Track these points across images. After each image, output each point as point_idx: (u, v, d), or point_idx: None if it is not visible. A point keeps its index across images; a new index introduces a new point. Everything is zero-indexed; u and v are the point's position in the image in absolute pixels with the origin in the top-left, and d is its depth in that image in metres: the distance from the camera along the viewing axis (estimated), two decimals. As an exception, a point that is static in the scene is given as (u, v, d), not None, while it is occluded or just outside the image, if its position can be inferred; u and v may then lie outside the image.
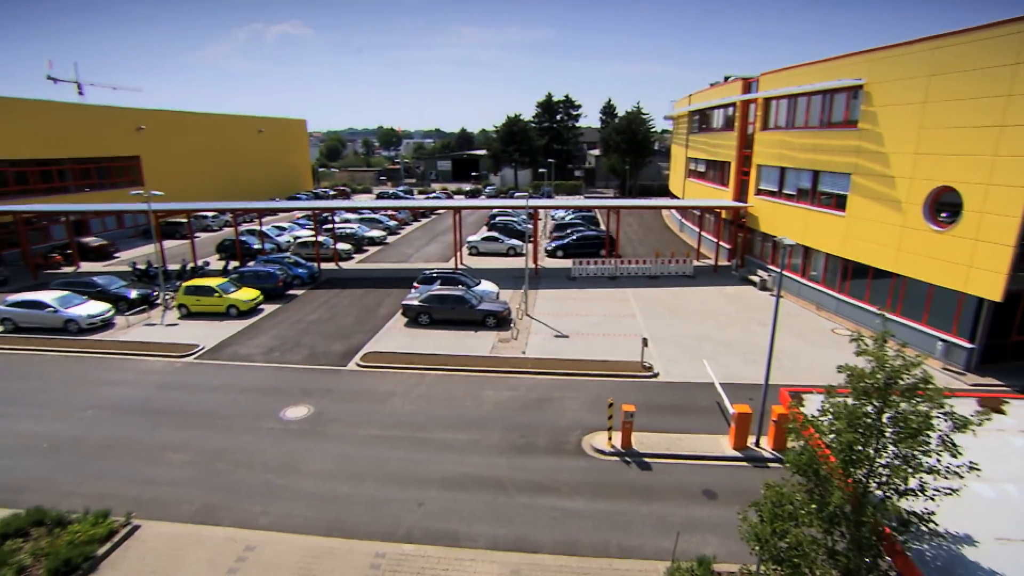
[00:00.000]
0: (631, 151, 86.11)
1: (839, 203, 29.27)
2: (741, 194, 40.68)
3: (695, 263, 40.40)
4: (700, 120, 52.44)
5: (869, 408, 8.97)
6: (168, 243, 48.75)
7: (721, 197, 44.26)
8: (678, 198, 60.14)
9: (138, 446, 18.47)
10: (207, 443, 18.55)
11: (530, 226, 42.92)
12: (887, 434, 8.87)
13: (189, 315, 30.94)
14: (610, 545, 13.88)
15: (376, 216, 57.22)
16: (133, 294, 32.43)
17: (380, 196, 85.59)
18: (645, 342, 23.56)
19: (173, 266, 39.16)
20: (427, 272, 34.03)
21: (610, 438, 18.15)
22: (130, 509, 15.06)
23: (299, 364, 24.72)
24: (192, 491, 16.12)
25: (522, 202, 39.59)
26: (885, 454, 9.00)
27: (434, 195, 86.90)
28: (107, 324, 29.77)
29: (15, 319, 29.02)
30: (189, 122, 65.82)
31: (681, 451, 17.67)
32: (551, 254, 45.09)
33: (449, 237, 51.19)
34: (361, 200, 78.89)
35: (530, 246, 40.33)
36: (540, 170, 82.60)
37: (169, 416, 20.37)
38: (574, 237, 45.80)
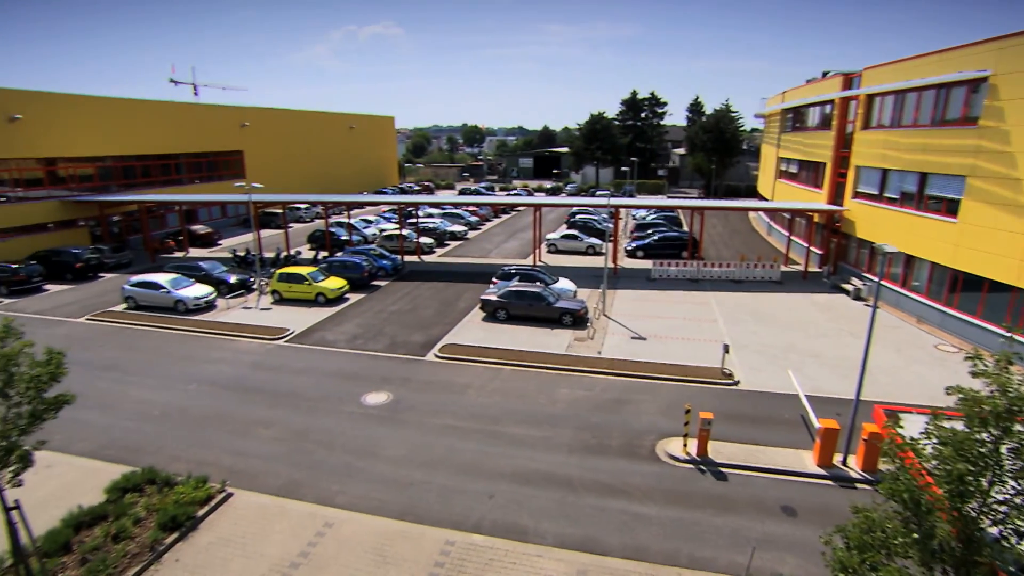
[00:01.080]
0: (718, 150, 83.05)
1: (950, 208, 26.92)
2: (836, 197, 38.29)
3: (783, 268, 38.47)
4: (794, 118, 49.76)
5: (984, 436, 8.14)
6: (264, 232, 52.07)
7: (814, 200, 41.85)
8: (767, 200, 57.39)
9: (233, 420, 19.90)
10: (293, 422, 19.70)
11: (610, 225, 42.40)
12: (1006, 467, 8.01)
13: (281, 300, 32.94)
14: (680, 554, 13.54)
15: (458, 211, 58.40)
16: (233, 279, 34.89)
17: (462, 192, 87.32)
18: (726, 348, 22.73)
19: (268, 254, 41.81)
20: (506, 268, 34.41)
21: (685, 445, 17.67)
22: (225, 477, 16.28)
23: (380, 352, 25.71)
24: (279, 466, 17.18)
25: (603, 201, 39.15)
26: (1003, 489, 8.12)
27: (515, 192, 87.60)
28: (210, 306, 32.24)
29: (136, 297, 32.03)
30: (287, 119, 69.85)
31: (760, 463, 16.94)
32: (631, 254, 44.35)
33: (528, 234, 51.45)
34: (444, 195, 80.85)
35: (610, 245, 39.85)
36: (622, 168, 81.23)
37: (260, 394, 21.80)
38: (655, 237, 44.81)
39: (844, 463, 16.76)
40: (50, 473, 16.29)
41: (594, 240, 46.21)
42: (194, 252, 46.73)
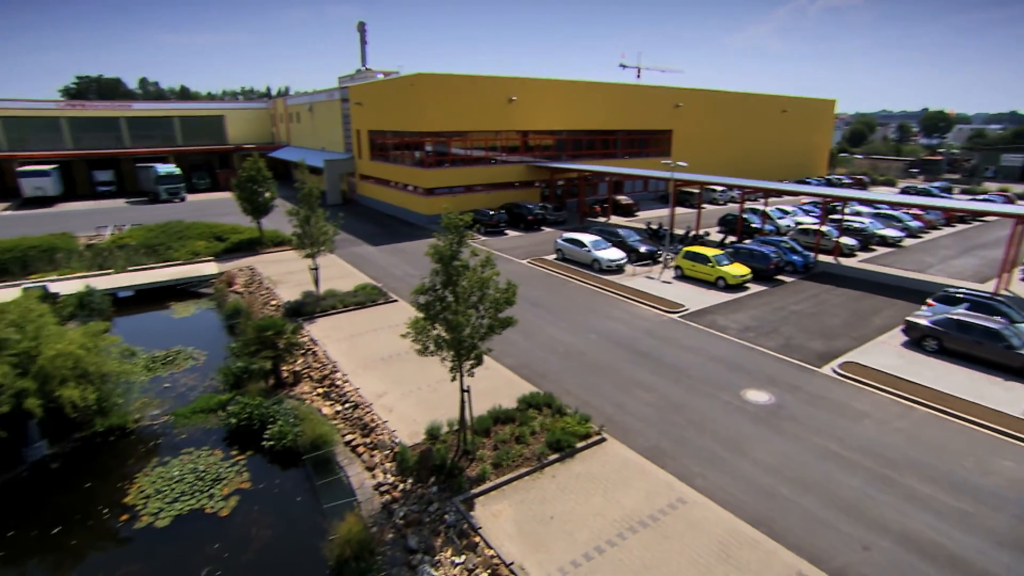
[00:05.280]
0: None
1: None
2: None
3: None
4: None
5: None
6: (678, 210, 54.25)
7: None
8: None
9: (619, 375, 21.97)
10: (670, 394, 20.56)
11: None
12: None
13: (682, 277, 34.17)
14: None
15: (895, 213, 49.32)
16: (643, 249, 37.72)
17: (905, 191, 72.93)
18: None
19: (678, 231, 43.53)
20: (950, 290, 27.75)
21: None
22: (603, 423, 18.27)
23: (771, 350, 24.30)
24: (649, 429, 18.31)
25: None
26: None
27: (984, 197, 68.63)
28: (620, 269, 35.79)
29: (564, 251, 38.04)
30: (717, 100, 69.80)
31: None
32: None
33: (995, 253, 39.97)
34: (879, 192, 69.14)
35: None
36: None
37: (647, 359, 23.36)
38: None
39: None
40: (486, 374, 20.92)
41: (1113, 278, 32.86)
42: (615, 219, 52.18)
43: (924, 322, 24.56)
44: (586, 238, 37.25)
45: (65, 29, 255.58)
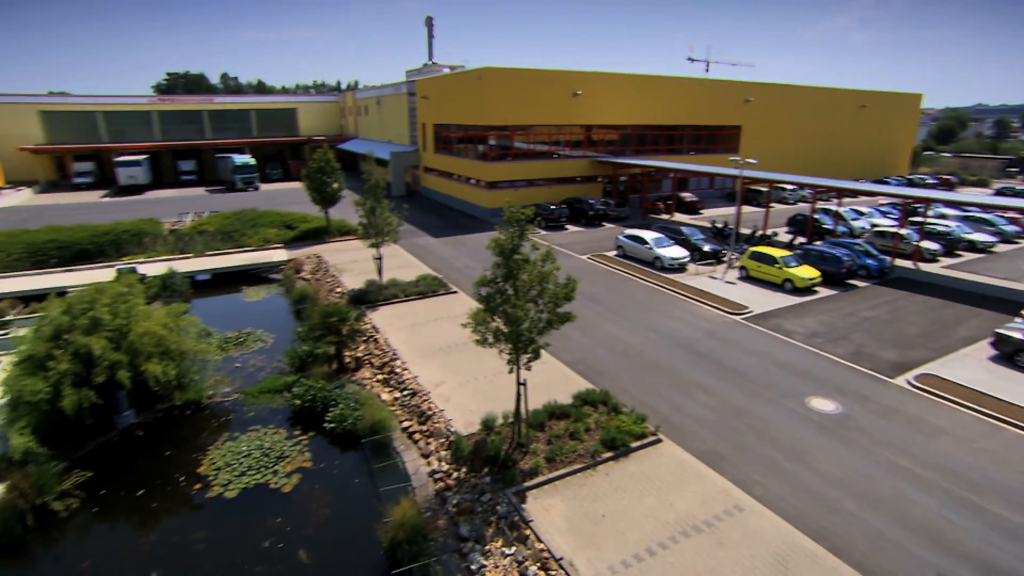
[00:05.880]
0: None
1: None
2: None
3: None
4: None
5: None
6: (745, 208, 52.39)
7: None
8: None
9: (677, 376, 21.53)
10: (731, 398, 19.98)
11: None
12: None
13: (747, 278, 33.05)
14: None
15: (986, 216, 45.86)
16: (706, 247, 36.69)
17: (1000, 192, 67.69)
18: None
19: (744, 230, 42.09)
20: (1049, 302, 25.65)
21: None
22: (659, 424, 17.97)
23: (839, 358, 23.18)
24: (707, 432, 17.87)
25: None
26: None
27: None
28: (682, 267, 34.97)
29: (625, 248, 37.51)
30: (790, 95, 66.74)
31: None
32: None
33: (1104, 263, 36.62)
34: (969, 194, 64.37)
35: None
36: None
37: (707, 361, 22.78)
38: None
39: None
40: (543, 369, 20.78)
41: None
42: (678, 216, 50.95)
43: (1018, 335, 22.80)
44: (648, 235, 36.58)
45: (159, 29, 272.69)
